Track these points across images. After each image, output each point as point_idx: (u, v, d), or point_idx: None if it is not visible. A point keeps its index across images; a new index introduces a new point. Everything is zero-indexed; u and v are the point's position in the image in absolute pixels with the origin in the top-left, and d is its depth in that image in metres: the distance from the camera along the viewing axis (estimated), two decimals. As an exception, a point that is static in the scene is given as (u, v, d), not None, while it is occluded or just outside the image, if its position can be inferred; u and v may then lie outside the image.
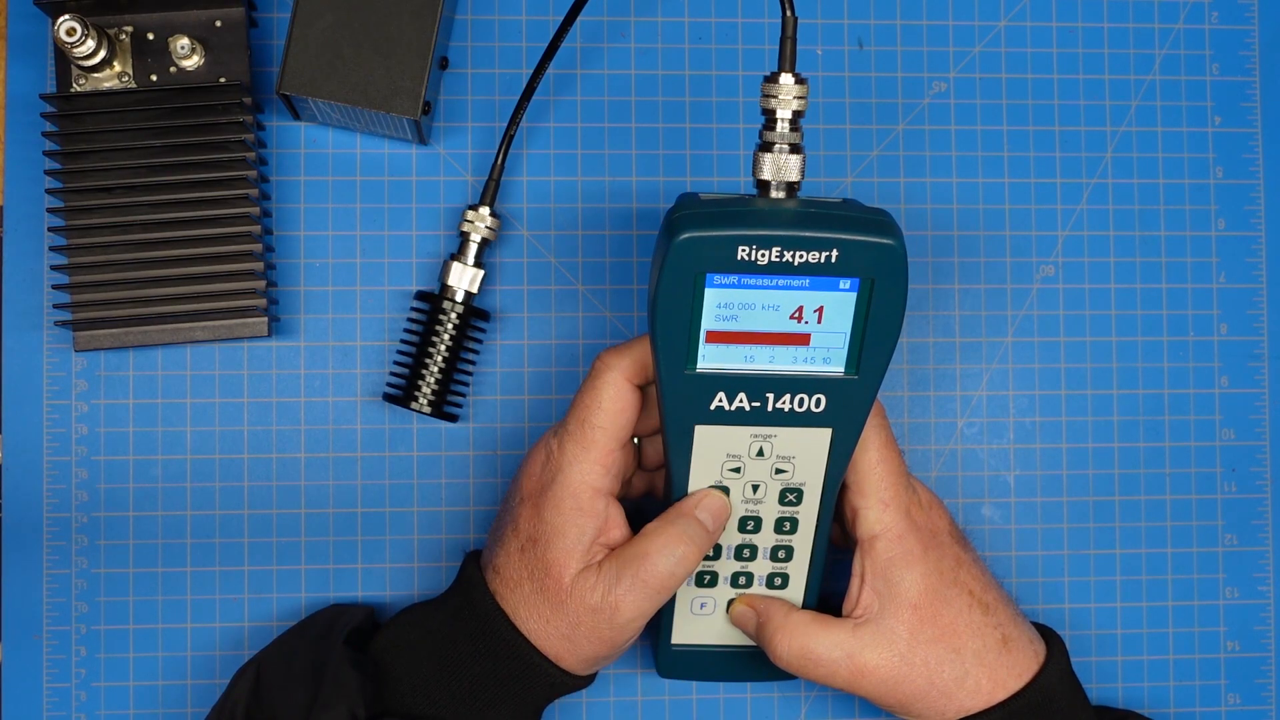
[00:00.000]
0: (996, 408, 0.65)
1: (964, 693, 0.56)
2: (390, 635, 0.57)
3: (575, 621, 0.54)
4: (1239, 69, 0.67)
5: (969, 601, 0.56)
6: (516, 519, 0.55)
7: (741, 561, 0.57)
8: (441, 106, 0.64)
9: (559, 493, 0.54)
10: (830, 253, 0.48)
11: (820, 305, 0.49)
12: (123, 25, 0.60)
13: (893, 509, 0.55)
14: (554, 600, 0.54)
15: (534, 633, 0.54)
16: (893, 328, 0.50)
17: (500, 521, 0.57)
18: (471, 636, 0.55)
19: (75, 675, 0.61)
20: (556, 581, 0.53)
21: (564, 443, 0.54)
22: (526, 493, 0.55)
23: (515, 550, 0.55)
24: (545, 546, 0.54)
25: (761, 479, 0.54)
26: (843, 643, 0.55)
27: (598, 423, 0.54)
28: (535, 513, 0.54)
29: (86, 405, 0.62)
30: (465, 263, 0.61)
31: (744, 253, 0.48)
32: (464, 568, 0.57)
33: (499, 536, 0.56)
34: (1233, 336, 0.66)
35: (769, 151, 0.50)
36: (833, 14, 0.65)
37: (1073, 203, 0.66)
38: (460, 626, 0.55)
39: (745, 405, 0.52)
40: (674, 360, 0.50)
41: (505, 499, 0.58)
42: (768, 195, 0.50)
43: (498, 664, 0.55)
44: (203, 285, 0.60)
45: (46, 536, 0.61)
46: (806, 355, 0.51)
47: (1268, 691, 0.66)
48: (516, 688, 0.55)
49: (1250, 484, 0.66)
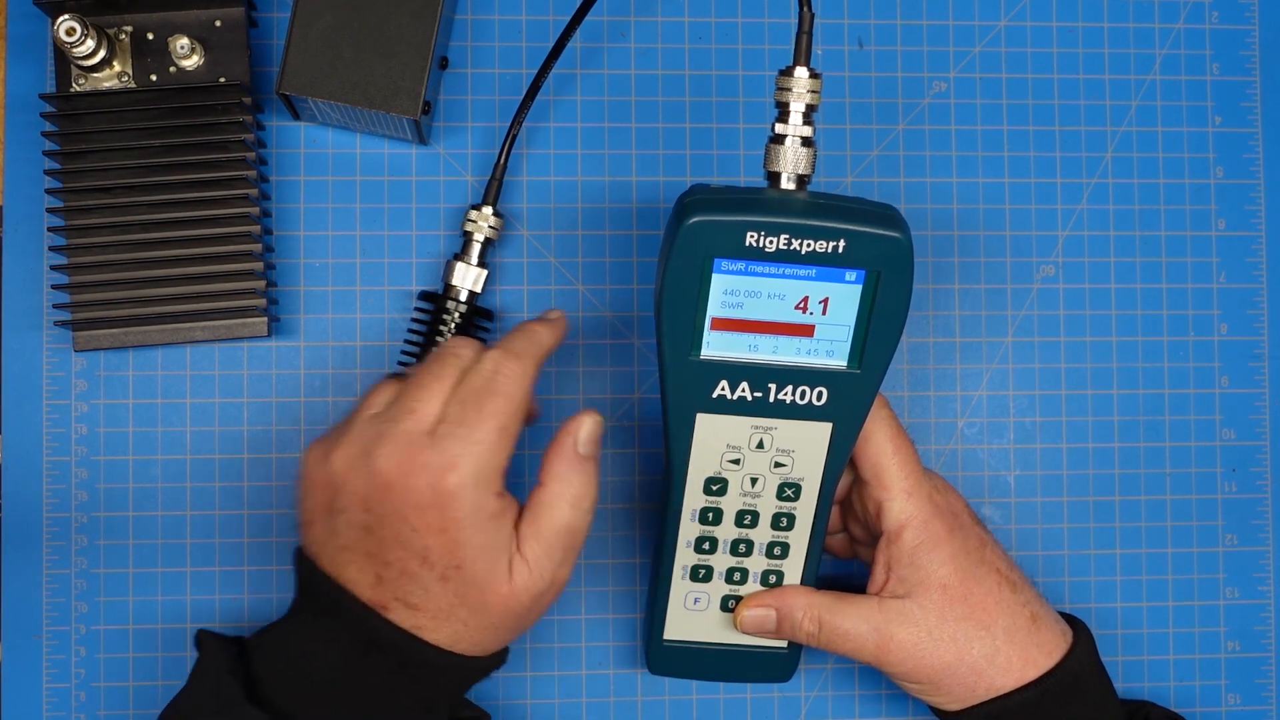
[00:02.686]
0: (996, 408, 0.65)
1: (995, 670, 0.55)
2: (284, 680, 0.51)
3: (519, 614, 0.51)
4: (1239, 69, 0.67)
5: (998, 580, 0.56)
6: (425, 551, 0.50)
7: (737, 557, 0.57)
8: (441, 106, 0.64)
9: (465, 508, 0.49)
10: (838, 243, 0.49)
11: (826, 296, 0.50)
12: (122, 25, 0.60)
13: (916, 497, 0.55)
14: (498, 609, 0.51)
15: (475, 645, 0.52)
16: (897, 323, 0.50)
17: (383, 554, 0.50)
18: (383, 673, 0.51)
19: (75, 675, 0.61)
20: (493, 594, 0.50)
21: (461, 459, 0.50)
22: (424, 524, 0.49)
23: (434, 581, 0.50)
24: (472, 565, 0.50)
25: (760, 472, 0.54)
26: (870, 616, 0.55)
27: (512, 428, 0.51)
28: (448, 538, 0.50)
29: (86, 405, 0.62)
30: (469, 262, 0.61)
31: (752, 239, 0.49)
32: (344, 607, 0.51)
33: (396, 571, 0.50)
34: (1233, 336, 0.66)
35: (781, 144, 0.51)
36: (833, 14, 0.65)
37: (1073, 203, 0.66)
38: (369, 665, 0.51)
39: (747, 395, 0.52)
40: (679, 346, 0.51)
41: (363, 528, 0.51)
42: (778, 187, 0.51)
43: (416, 686, 0.51)
44: (202, 285, 0.60)
45: (46, 536, 0.61)
46: (810, 347, 0.51)
47: (1268, 691, 0.66)
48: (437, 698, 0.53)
49: (1250, 484, 0.66)
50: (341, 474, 0.51)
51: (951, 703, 0.57)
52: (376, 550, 0.50)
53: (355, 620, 0.50)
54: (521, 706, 0.63)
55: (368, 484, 0.50)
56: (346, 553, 0.51)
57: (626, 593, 0.63)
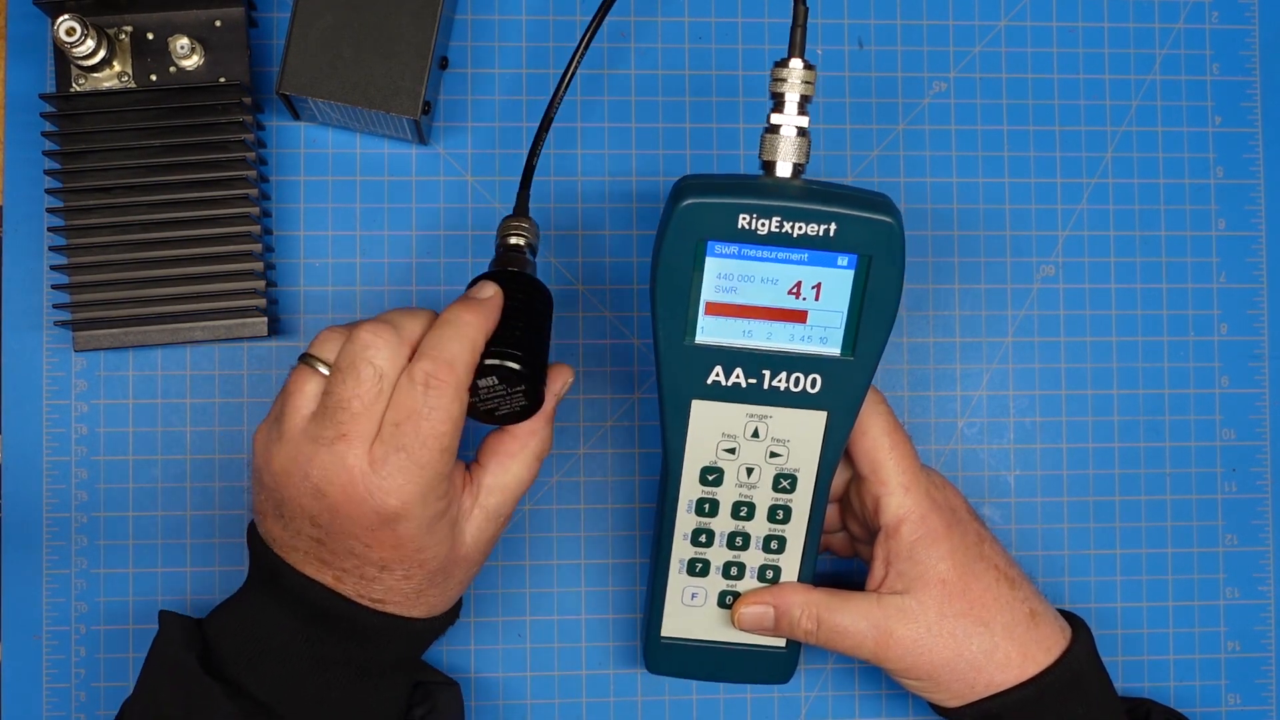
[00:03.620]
0: (996, 408, 0.65)
1: (993, 666, 0.56)
2: (241, 658, 0.52)
3: (477, 560, 0.53)
4: (1239, 69, 0.67)
5: (996, 576, 0.56)
6: (383, 561, 0.50)
7: (734, 550, 0.57)
8: (441, 106, 0.64)
9: (415, 524, 0.50)
10: (829, 226, 0.49)
11: (818, 282, 0.51)
12: (122, 25, 0.60)
13: (914, 492, 0.55)
14: (459, 570, 0.53)
15: (433, 608, 0.53)
16: (889, 309, 0.51)
17: (338, 564, 0.51)
18: (339, 643, 0.52)
19: (75, 675, 0.61)
20: (455, 557, 0.52)
21: (409, 472, 0.49)
22: (374, 539, 0.50)
23: (397, 580, 0.51)
24: (433, 554, 0.51)
25: (756, 462, 0.55)
26: (869, 613, 0.55)
27: (453, 447, 0.50)
28: (399, 549, 0.50)
29: (86, 405, 0.62)
30: None
31: (745, 221, 0.49)
32: (294, 584, 0.51)
33: (361, 575, 0.51)
34: (1233, 336, 0.66)
35: (775, 133, 0.51)
36: (833, 14, 0.65)
37: (1073, 203, 0.66)
38: (322, 639, 0.52)
39: (742, 381, 0.52)
40: (673, 331, 0.51)
41: (318, 539, 0.51)
42: (773, 175, 0.51)
43: (378, 653, 0.53)
44: (202, 285, 0.60)
45: (46, 536, 0.61)
46: (804, 334, 0.52)
47: (1268, 691, 0.66)
48: (394, 664, 0.54)
49: (1250, 484, 0.66)
50: (283, 483, 0.50)
51: (950, 699, 0.57)
52: (331, 559, 0.51)
53: (304, 593, 0.52)
54: (522, 706, 0.63)
55: (312, 503, 0.50)
56: (301, 553, 0.52)
57: (626, 593, 0.63)
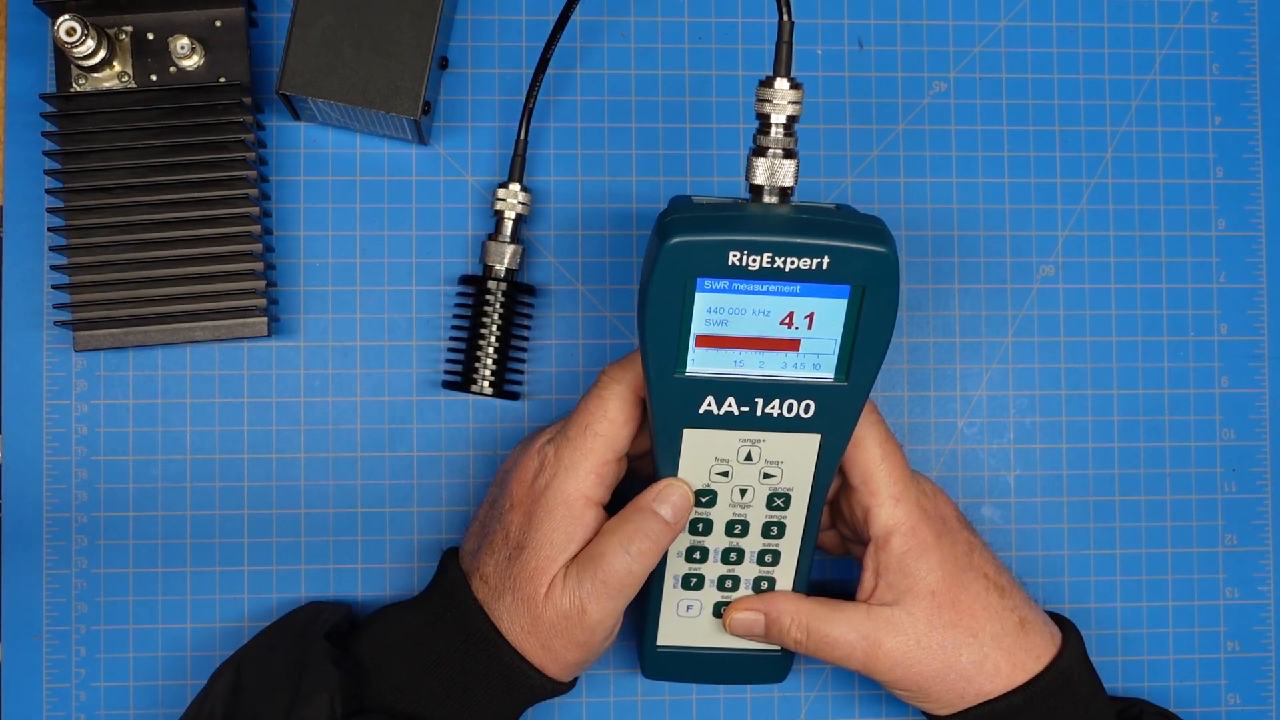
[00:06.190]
0: (996, 408, 0.65)
1: (982, 676, 0.56)
2: (372, 634, 0.57)
3: (552, 629, 0.54)
4: (1239, 69, 0.67)
5: (985, 585, 0.56)
6: (508, 526, 0.55)
7: (728, 565, 0.57)
8: (441, 106, 0.64)
9: (552, 500, 0.54)
10: (821, 259, 0.47)
11: (811, 311, 0.49)
12: (123, 25, 0.60)
13: (904, 503, 0.55)
14: (533, 609, 0.54)
15: (518, 640, 0.54)
16: (883, 335, 0.50)
17: (488, 527, 0.56)
18: (455, 640, 0.55)
19: (75, 675, 0.61)
20: (535, 590, 0.53)
21: (561, 450, 0.54)
22: (518, 499, 0.55)
23: (504, 559, 0.55)
24: (532, 554, 0.54)
25: (749, 483, 0.54)
26: (858, 625, 0.55)
27: (600, 430, 0.53)
28: (527, 519, 0.54)
29: (86, 405, 0.62)
30: (503, 240, 0.61)
31: (735, 258, 0.47)
32: (446, 569, 0.57)
33: (488, 543, 0.56)
34: (1233, 336, 0.66)
35: (763, 156, 0.49)
36: (833, 14, 0.65)
37: (1073, 203, 0.66)
38: (444, 629, 0.55)
39: (734, 410, 0.51)
40: (663, 364, 0.50)
41: (491, 503, 0.57)
42: (760, 200, 0.50)
43: (480, 666, 0.55)
44: (202, 285, 0.60)
45: (46, 536, 0.61)
46: (796, 361, 0.51)
47: (1268, 691, 0.66)
48: (497, 691, 0.55)
49: (1250, 484, 0.66)
50: None
51: (940, 708, 0.57)
52: (486, 520, 0.57)
53: (461, 607, 0.55)
54: (521, 706, 0.63)
55: (501, 474, 0.58)
56: (474, 523, 0.58)
57: (626, 593, 0.64)
